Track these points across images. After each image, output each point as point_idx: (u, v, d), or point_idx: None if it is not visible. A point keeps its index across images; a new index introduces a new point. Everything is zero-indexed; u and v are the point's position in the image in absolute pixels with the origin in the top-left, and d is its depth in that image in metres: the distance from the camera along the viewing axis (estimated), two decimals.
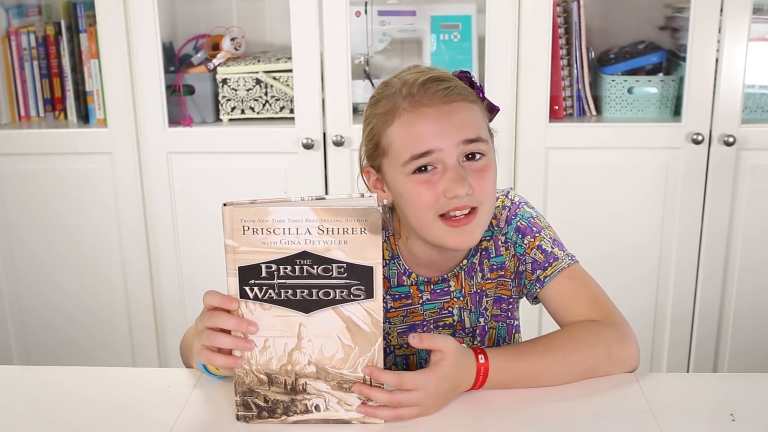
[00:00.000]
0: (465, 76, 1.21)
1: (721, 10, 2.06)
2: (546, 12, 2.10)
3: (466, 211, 1.14)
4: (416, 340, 1.05)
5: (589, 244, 2.20)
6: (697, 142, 2.11)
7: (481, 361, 1.09)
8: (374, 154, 1.19)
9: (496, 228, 1.26)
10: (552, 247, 1.24)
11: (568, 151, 2.19)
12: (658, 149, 2.16)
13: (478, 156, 1.15)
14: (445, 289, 1.26)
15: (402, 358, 1.29)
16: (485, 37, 2.13)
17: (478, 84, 1.22)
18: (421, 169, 1.13)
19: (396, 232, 1.25)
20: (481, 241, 1.24)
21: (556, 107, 2.23)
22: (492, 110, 1.24)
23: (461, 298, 1.27)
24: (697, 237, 2.21)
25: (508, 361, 1.12)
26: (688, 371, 2.30)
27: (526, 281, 1.25)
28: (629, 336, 1.18)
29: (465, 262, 1.26)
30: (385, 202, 1.21)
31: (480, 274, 1.27)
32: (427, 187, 1.13)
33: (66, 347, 2.41)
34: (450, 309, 1.27)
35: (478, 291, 1.27)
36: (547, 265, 1.23)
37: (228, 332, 1.02)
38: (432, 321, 1.28)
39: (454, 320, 1.27)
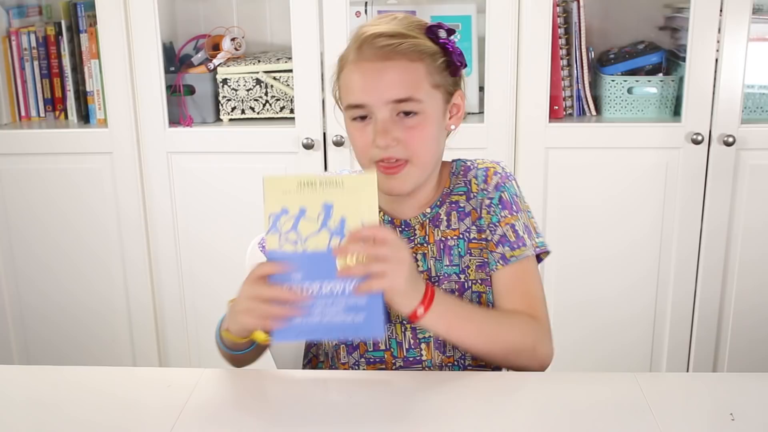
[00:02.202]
0: (432, 31, 1.25)
1: (721, 10, 2.06)
2: (546, 12, 2.10)
3: (394, 161, 1.20)
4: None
5: (589, 243, 2.20)
6: (696, 142, 2.12)
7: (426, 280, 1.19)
8: (338, 95, 1.28)
9: (483, 191, 1.29)
10: (524, 233, 1.27)
11: (568, 151, 2.19)
12: (658, 149, 2.16)
13: (411, 114, 1.20)
14: (411, 237, 1.29)
15: None
16: (485, 37, 2.13)
17: (444, 39, 1.25)
18: (362, 117, 1.22)
19: None
20: (451, 194, 1.30)
21: (556, 107, 2.23)
22: (451, 67, 1.26)
23: (426, 245, 1.29)
24: (697, 237, 2.21)
25: (451, 298, 1.22)
26: (687, 371, 2.30)
27: (487, 251, 1.28)
28: (550, 338, 1.25)
29: (429, 210, 1.29)
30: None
31: (445, 223, 1.29)
32: (361, 134, 1.22)
33: (66, 346, 2.41)
34: (415, 255, 1.28)
35: (443, 239, 1.29)
36: (515, 246, 1.26)
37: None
38: None
39: (419, 265, 1.28)
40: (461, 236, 1.29)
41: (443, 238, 1.29)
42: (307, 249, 1.09)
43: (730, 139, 2.10)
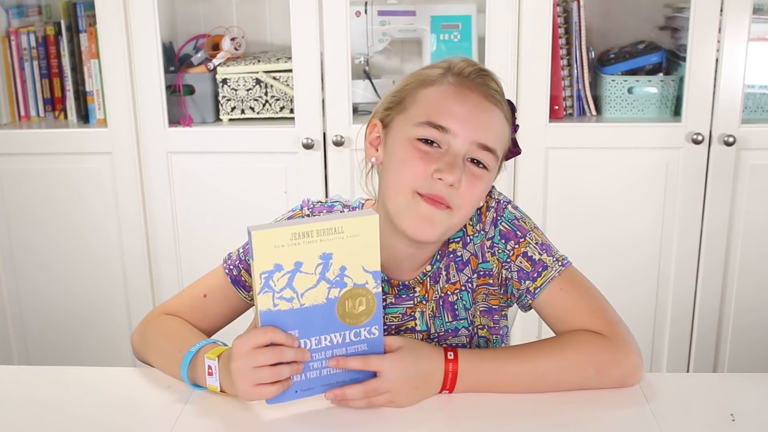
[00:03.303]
0: (510, 105, 1.20)
1: (721, 10, 2.06)
2: (546, 12, 2.10)
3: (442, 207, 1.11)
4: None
5: (589, 244, 2.20)
6: (697, 142, 2.11)
7: (450, 357, 1.10)
8: (393, 108, 1.18)
9: (480, 233, 1.21)
10: (540, 254, 1.18)
11: (568, 151, 2.19)
12: (658, 149, 2.16)
13: (481, 165, 1.13)
14: (410, 294, 1.22)
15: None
16: (485, 37, 2.13)
17: (515, 120, 1.21)
18: (426, 142, 1.12)
19: None
20: (448, 243, 1.22)
21: (556, 107, 2.23)
22: (514, 148, 1.22)
23: (424, 302, 1.22)
24: (697, 237, 2.21)
25: (478, 355, 1.11)
26: (688, 371, 2.30)
27: (513, 290, 1.20)
28: (629, 349, 1.12)
29: (429, 267, 1.21)
30: (373, 160, 1.20)
31: (445, 278, 1.22)
32: (423, 158, 1.11)
33: (66, 346, 2.41)
34: (413, 314, 1.22)
35: (443, 295, 1.22)
36: (536, 275, 1.17)
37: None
38: (393, 326, 1.23)
39: (416, 324, 1.22)
40: (463, 288, 1.22)
41: (443, 294, 1.22)
42: (305, 304, 1.02)
43: (731, 139, 2.10)
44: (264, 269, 0.98)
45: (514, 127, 1.20)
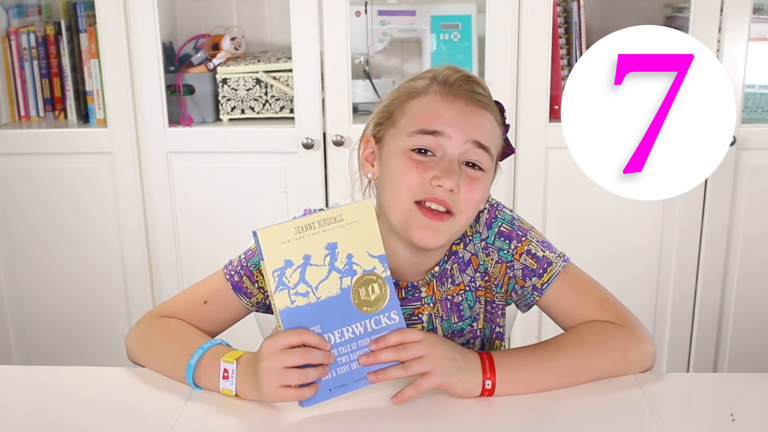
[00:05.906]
0: (499, 105, 1.20)
1: (721, 10, 2.06)
2: (546, 12, 2.10)
3: (443, 209, 1.11)
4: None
5: (589, 244, 2.20)
6: None
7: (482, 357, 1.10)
8: (383, 124, 1.18)
9: (477, 233, 1.22)
10: (543, 251, 1.20)
11: (568, 151, 2.18)
12: None
13: (477, 167, 1.14)
14: (416, 296, 1.22)
15: None
16: (485, 37, 2.13)
17: (506, 120, 1.21)
18: (420, 151, 1.12)
19: None
20: (452, 244, 1.22)
21: (556, 107, 2.23)
22: (507, 148, 1.22)
23: (432, 305, 1.22)
24: (698, 237, 2.21)
25: (508, 351, 1.13)
26: (688, 371, 2.30)
27: (517, 287, 1.21)
28: (644, 335, 1.16)
29: (437, 268, 1.21)
30: (369, 176, 1.21)
31: (450, 280, 1.22)
32: (418, 167, 1.11)
33: (66, 347, 2.41)
34: (420, 315, 1.22)
35: (449, 297, 1.22)
36: (541, 271, 1.19)
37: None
38: None
39: (423, 327, 1.22)
40: (467, 288, 1.23)
41: (449, 296, 1.22)
42: (321, 297, 1.04)
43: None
44: (275, 267, 1.01)
45: (505, 128, 1.21)
